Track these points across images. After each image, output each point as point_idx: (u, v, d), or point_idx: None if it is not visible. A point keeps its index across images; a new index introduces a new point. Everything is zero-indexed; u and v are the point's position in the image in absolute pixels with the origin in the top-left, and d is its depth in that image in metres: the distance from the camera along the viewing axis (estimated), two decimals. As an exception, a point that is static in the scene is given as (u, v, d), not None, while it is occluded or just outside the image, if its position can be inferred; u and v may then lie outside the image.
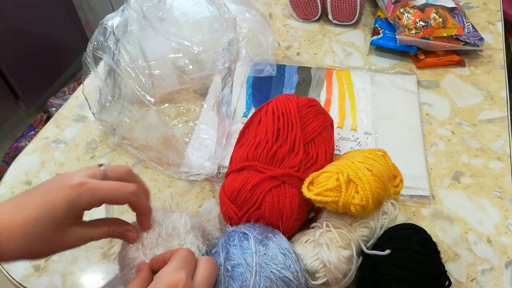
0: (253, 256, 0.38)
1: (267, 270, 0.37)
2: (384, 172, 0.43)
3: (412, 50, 0.70)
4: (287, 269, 0.38)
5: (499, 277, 0.46)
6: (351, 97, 0.65)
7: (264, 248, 0.39)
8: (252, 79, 0.68)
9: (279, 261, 0.38)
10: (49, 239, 0.33)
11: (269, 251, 0.39)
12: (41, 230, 0.32)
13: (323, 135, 0.50)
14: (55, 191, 0.33)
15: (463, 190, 0.54)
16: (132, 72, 0.55)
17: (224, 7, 0.59)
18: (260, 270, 0.37)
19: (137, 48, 0.58)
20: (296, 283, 0.38)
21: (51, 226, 0.33)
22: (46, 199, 0.33)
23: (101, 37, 0.57)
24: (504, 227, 0.50)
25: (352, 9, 0.75)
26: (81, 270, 0.48)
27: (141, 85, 0.54)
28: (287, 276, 0.38)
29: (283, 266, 0.38)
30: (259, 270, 0.37)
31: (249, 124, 0.51)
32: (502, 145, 0.58)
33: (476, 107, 0.64)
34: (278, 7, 0.84)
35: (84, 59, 0.56)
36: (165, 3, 0.61)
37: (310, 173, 0.44)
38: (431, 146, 0.59)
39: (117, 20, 0.59)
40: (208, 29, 0.62)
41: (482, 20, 0.78)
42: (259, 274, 0.37)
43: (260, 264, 0.38)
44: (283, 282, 0.37)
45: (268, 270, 0.37)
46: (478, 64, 0.70)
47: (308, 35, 0.78)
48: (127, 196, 0.37)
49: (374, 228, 0.44)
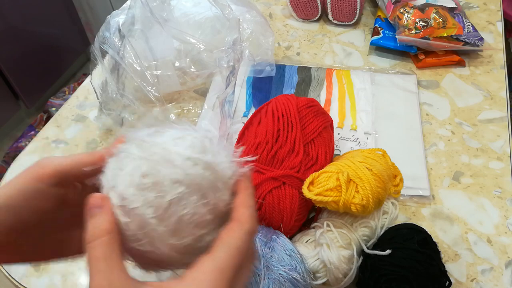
0: (260, 259, 0.38)
1: (275, 273, 0.37)
2: (384, 171, 0.43)
3: (412, 50, 0.70)
4: (294, 270, 0.38)
5: (499, 277, 0.46)
6: (351, 97, 0.65)
7: (270, 250, 0.39)
8: (252, 79, 0.68)
9: (286, 262, 0.38)
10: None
11: (275, 253, 0.39)
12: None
13: (323, 136, 0.50)
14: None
15: (463, 190, 0.54)
16: (138, 67, 0.55)
17: (228, 8, 0.59)
18: (268, 273, 0.37)
19: (142, 46, 0.59)
20: (303, 284, 0.38)
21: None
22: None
23: (107, 33, 0.58)
24: (504, 227, 0.50)
25: (352, 9, 0.75)
26: (81, 270, 0.48)
27: (146, 81, 0.54)
28: (295, 277, 0.38)
29: (290, 267, 0.38)
30: (267, 273, 0.37)
31: (249, 124, 0.51)
32: (502, 145, 0.58)
33: (476, 107, 0.64)
34: (278, 7, 0.84)
35: (92, 50, 0.57)
36: (169, 4, 0.62)
37: (310, 174, 0.44)
38: (431, 146, 0.59)
39: (122, 18, 0.59)
40: (210, 30, 0.62)
41: (482, 20, 0.78)
42: (267, 277, 0.37)
43: (268, 266, 0.37)
44: (291, 284, 0.37)
45: (276, 273, 0.37)
46: (478, 64, 0.70)
47: (308, 35, 0.78)
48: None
49: (375, 228, 0.44)
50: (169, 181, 0.24)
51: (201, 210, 0.25)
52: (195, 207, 0.25)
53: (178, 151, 0.25)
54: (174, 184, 0.24)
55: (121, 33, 0.57)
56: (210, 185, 0.26)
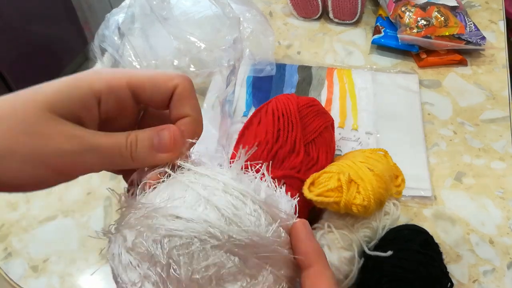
0: None
1: None
2: (385, 171, 0.43)
3: (414, 49, 0.69)
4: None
5: (501, 278, 0.46)
6: (352, 96, 0.64)
7: None
8: (252, 78, 0.68)
9: None
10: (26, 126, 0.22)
11: None
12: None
13: (324, 135, 0.49)
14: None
15: (465, 191, 0.53)
16: (138, 65, 0.55)
17: (228, 6, 0.59)
18: None
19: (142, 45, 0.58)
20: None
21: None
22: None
23: (107, 31, 0.57)
24: (506, 227, 0.50)
25: (353, 7, 0.74)
26: (80, 271, 0.48)
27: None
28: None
29: None
30: None
31: (249, 124, 0.50)
32: (504, 145, 0.58)
33: (478, 106, 0.63)
34: (279, 6, 0.84)
35: (92, 48, 0.57)
36: (169, 2, 0.61)
37: (311, 174, 0.44)
38: (433, 146, 0.58)
39: (122, 16, 0.59)
40: (210, 29, 0.62)
41: (484, 19, 0.78)
42: None
43: None
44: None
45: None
46: (480, 63, 0.70)
47: (308, 33, 0.77)
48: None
49: (376, 229, 0.43)
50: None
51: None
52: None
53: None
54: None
55: (121, 32, 0.57)
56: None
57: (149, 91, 0.25)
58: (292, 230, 0.26)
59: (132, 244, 0.23)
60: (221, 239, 0.22)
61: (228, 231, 0.22)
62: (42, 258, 0.49)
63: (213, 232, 0.22)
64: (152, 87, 0.25)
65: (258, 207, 0.24)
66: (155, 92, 0.25)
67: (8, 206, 0.54)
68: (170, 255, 0.22)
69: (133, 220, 0.24)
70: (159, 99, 0.26)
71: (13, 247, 0.50)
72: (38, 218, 0.53)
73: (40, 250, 0.50)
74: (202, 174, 0.25)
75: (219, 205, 0.23)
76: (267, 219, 0.24)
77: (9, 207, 0.54)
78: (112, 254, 0.24)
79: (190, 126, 0.26)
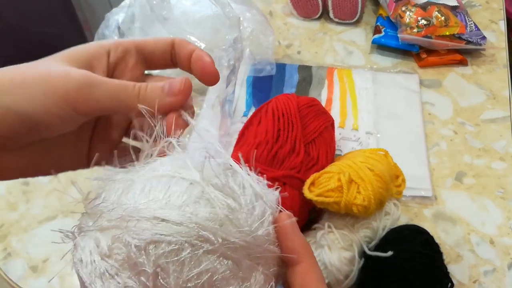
0: None
1: None
2: (386, 171, 0.43)
3: (414, 49, 0.69)
4: None
5: (502, 278, 0.46)
6: (353, 96, 0.64)
7: None
8: (252, 78, 0.68)
9: None
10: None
11: None
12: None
13: (324, 135, 0.49)
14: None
15: (465, 191, 0.53)
16: None
17: (228, 6, 0.59)
18: None
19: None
20: None
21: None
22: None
23: (106, 30, 0.57)
24: (506, 228, 0.49)
25: (354, 7, 0.74)
26: (80, 271, 0.48)
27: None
28: None
29: None
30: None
31: (249, 124, 0.50)
32: (505, 145, 0.58)
33: (479, 106, 0.63)
34: (279, 5, 0.83)
35: None
36: (169, 2, 0.61)
37: (311, 174, 0.44)
38: (433, 146, 0.58)
39: (122, 16, 0.59)
40: (210, 29, 0.62)
41: (484, 18, 0.78)
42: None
43: None
44: None
45: None
46: (480, 63, 0.70)
47: (309, 33, 0.77)
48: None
49: (377, 229, 0.43)
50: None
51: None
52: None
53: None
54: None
55: (121, 31, 0.57)
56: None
57: (152, 44, 0.29)
58: (277, 225, 0.25)
59: (108, 250, 0.21)
60: (214, 243, 0.20)
61: (221, 234, 0.20)
62: (42, 258, 0.49)
63: (206, 235, 0.20)
64: (153, 41, 0.29)
65: (250, 204, 0.23)
66: (157, 44, 0.29)
67: (8, 206, 0.54)
68: (157, 262, 0.20)
69: (106, 222, 0.21)
70: (161, 49, 0.29)
71: (13, 247, 0.50)
72: (37, 218, 0.52)
73: (39, 250, 0.50)
74: (186, 168, 0.23)
75: (209, 204, 0.21)
76: (258, 216, 0.23)
77: (9, 207, 0.53)
78: (81, 261, 0.22)
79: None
